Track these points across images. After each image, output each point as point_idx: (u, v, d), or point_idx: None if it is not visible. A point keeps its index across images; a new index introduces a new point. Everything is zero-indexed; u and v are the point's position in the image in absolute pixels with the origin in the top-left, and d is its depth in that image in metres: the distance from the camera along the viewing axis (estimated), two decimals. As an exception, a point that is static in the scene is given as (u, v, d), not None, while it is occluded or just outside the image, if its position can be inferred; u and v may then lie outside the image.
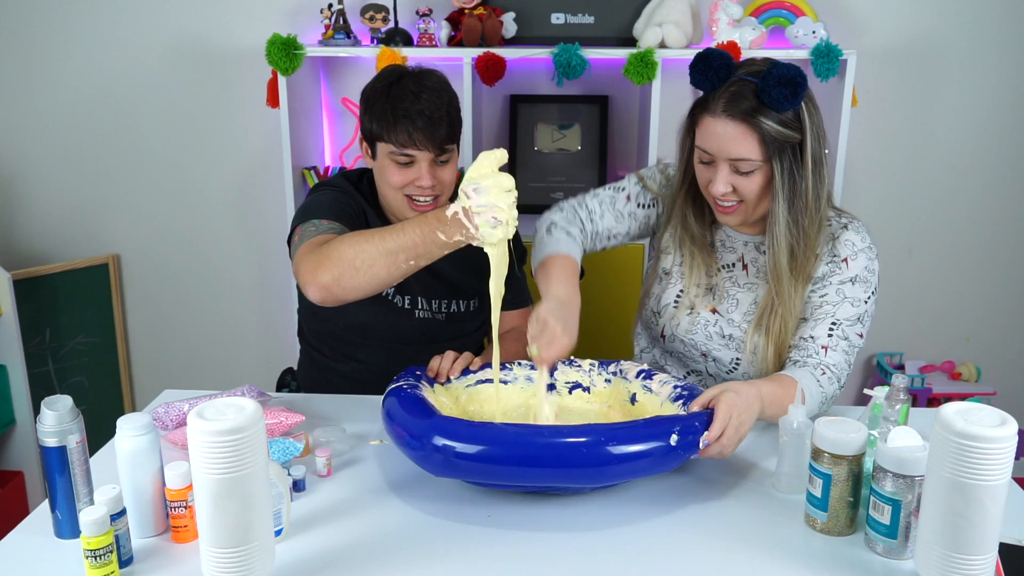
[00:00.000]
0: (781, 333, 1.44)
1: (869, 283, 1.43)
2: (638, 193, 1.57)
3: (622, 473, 1.15)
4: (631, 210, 1.57)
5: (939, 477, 0.96)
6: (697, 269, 1.52)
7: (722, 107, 1.35)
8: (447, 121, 1.52)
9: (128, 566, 1.05)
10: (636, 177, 1.59)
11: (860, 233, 1.45)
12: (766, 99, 1.32)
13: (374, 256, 1.28)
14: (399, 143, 1.50)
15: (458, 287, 1.67)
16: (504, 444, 1.12)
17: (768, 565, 1.07)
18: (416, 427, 1.17)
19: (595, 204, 1.56)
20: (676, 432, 1.15)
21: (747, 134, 1.34)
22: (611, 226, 1.56)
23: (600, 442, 1.12)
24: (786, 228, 1.39)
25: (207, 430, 0.92)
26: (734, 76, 1.36)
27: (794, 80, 1.30)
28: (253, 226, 2.65)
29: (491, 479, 1.16)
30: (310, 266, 1.33)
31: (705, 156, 1.40)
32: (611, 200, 1.57)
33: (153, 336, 2.75)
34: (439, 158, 1.54)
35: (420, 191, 1.54)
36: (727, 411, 1.19)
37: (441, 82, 1.55)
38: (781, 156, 1.35)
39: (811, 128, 1.36)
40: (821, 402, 1.37)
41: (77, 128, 2.58)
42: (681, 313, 1.53)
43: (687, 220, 1.52)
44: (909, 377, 2.55)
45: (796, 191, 1.37)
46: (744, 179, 1.37)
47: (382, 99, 1.52)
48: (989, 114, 2.51)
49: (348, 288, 1.31)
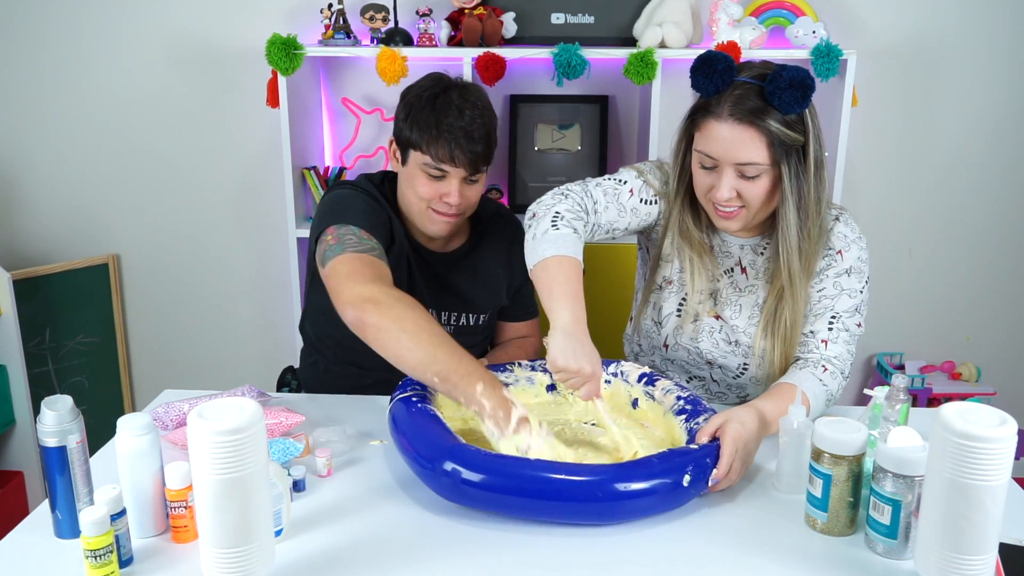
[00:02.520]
0: (788, 335, 1.43)
1: (863, 272, 1.44)
2: (640, 187, 1.50)
3: (631, 511, 1.14)
4: (634, 205, 1.50)
5: (939, 477, 0.96)
6: (699, 276, 1.49)
7: (728, 110, 1.32)
8: (486, 142, 1.51)
9: (128, 566, 1.05)
10: (635, 171, 1.52)
11: (850, 224, 1.46)
12: (775, 102, 1.29)
13: (413, 348, 1.28)
14: (437, 157, 1.48)
15: (470, 301, 1.66)
16: (514, 477, 1.11)
17: (768, 565, 1.07)
18: (427, 448, 1.16)
19: (600, 195, 1.48)
20: (689, 472, 1.14)
21: (755, 137, 1.32)
22: (613, 220, 1.49)
23: (610, 480, 1.11)
24: (796, 231, 1.37)
25: (207, 430, 0.92)
26: (737, 79, 1.34)
27: (804, 83, 1.28)
28: (253, 226, 2.65)
29: (498, 510, 1.15)
30: (360, 296, 1.33)
31: (708, 161, 1.37)
32: (615, 193, 1.49)
33: (153, 336, 2.75)
34: (471, 177, 1.52)
35: (447, 207, 1.52)
36: (733, 445, 1.19)
37: (485, 100, 1.54)
38: (788, 160, 1.34)
39: (813, 130, 1.35)
40: (827, 400, 1.38)
41: (77, 128, 2.58)
42: (685, 322, 1.52)
43: (686, 227, 1.49)
44: (909, 377, 2.55)
45: (803, 194, 1.36)
46: (749, 184, 1.35)
47: (427, 109, 1.49)
48: (989, 114, 2.51)
49: (372, 341, 1.32)
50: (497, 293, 1.69)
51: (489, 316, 1.70)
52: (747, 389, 1.56)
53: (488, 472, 1.11)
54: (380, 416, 1.38)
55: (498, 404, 1.23)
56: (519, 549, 1.10)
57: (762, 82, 1.32)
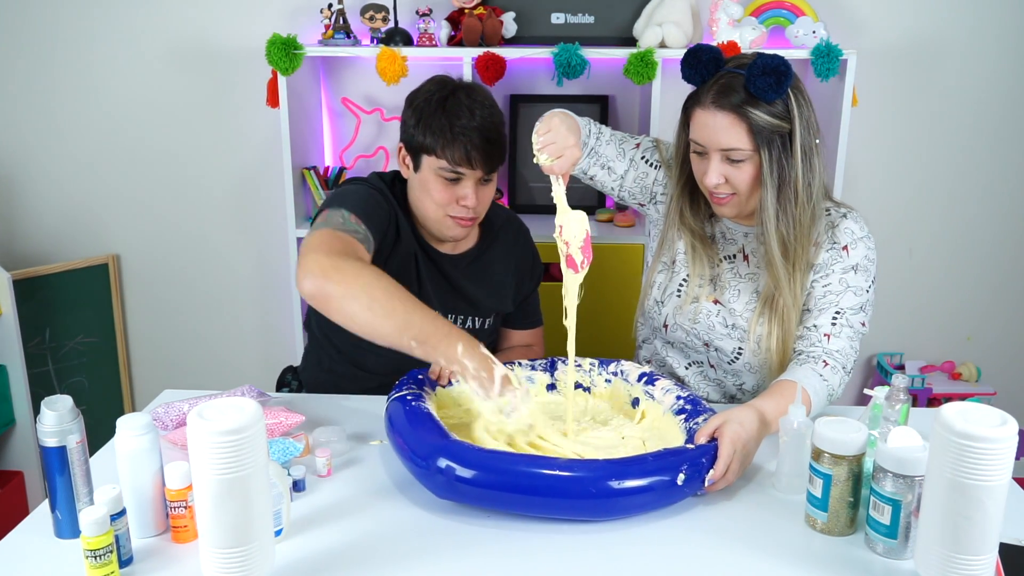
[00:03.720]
0: (784, 322, 1.45)
1: (869, 272, 1.45)
2: (647, 148, 1.59)
3: (626, 508, 1.14)
4: (634, 156, 1.58)
5: (939, 477, 0.96)
6: (699, 261, 1.53)
7: (711, 99, 1.38)
8: (500, 141, 1.50)
9: (128, 566, 1.05)
10: (652, 139, 1.61)
11: (859, 222, 1.47)
12: (753, 89, 1.34)
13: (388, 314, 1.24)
14: (453, 160, 1.46)
15: (476, 304, 1.66)
16: (508, 474, 1.12)
17: (768, 565, 1.07)
18: (421, 446, 1.17)
19: (607, 131, 1.58)
20: (683, 471, 1.15)
21: (735, 124, 1.36)
22: (610, 157, 1.56)
23: (603, 477, 1.11)
24: (775, 216, 1.40)
25: (207, 430, 0.92)
26: (723, 69, 1.39)
27: (777, 69, 1.32)
28: (253, 226, 2.65)
29: (496, 507, 1.15)
30: (322, 265, 1.25)
31: (698, 147, 1.43)
32: (621, 139, 1.59)
33: (153, 336, 2.75)
34: (486, 176, 1.51)
35: (464, 211, 1.51)
36: (731, 446, 1.19)
37: (491, 99, 1.53)
38: (770, 146, 1.37)
39: (800, 118, 1.37)
40: (828, 395, 1.38)
41: (77, 128, 2.58)
42: (685, 303, 1.54)
43: (683, 214, 1.54)
44: (909, 377, 2.55)
45: (785, 180, 1.39)
46: (735, 170, 1.39)
47: (438, 112, 1.46)
48: (989, 114, 2.51)
49: (337, 312, 1.25)
50: (503, 299, 1.69)
51: (494, 320, 1.70)
52: (742, 377, 1.56)
53: (481, 469, 1.12)
54: (380, 416, 1.38)
55: (480, 364, 1.24)
56: (519, 549, 1.10)
57: (744, 70, 1.35)
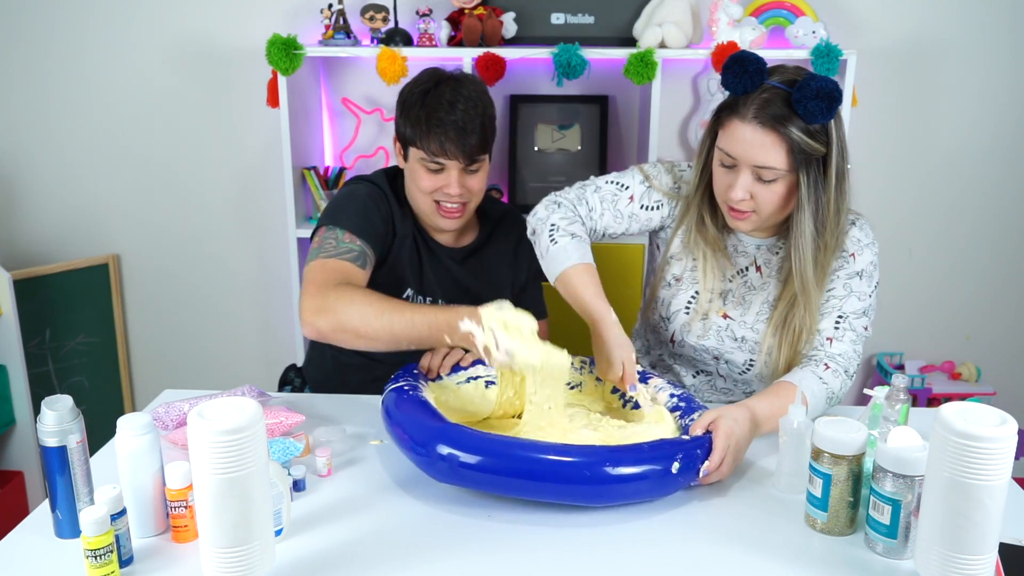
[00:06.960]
0: (796, 340, 1.43)
1: (873, 277, 1.45)
2: (643, 194, 1.52)
3: (621, 494, 1.16)
4: (632, 211, 1.52)
5: (939, 477, 0.96)
6: (711, 273, 1.49)
7: (753, 113, 1.32)
8: (479, 132, 1.54)
9: (128, 566, 1.05)
10: (641, 175, 1.54)
11: (864, 229, 1.47)
12: (800, 110, 1.29)
13: (378, 331, 1.34)
14: (430, 151, 1.53)
15: (478, 297, 1.67)
16: (507, 458, 1.13)
17: (768, 565, 1.07)
18: (421, 433, 1.18)
19: (596, 201, 1.51)
20: (679, 460, 1.16)
21: (776, 143, 1.32)
22: (609, 225, 1.53)
23: (601, 463, 1.12)
24: (812, 240, 1.37)
25: (208, 430, 0.92)
26: (767, 82, 1.34)
27: (831, 94, 1.28)
28: (253, 226, 2.65)
29: (491, 489, 1.16)
30: (315, 306, 1.37)
31: (727, 160, 1.37)
32: (613, 199, 1.52)
33: (153, 336, 2.75)
34: (469, 167, 1.56)
35: (448, 197, 1.57)
36: (726, 440, 1.20)
37: (479, 91, 1.57)
38: (808, 168, 1.34)
39: (837, 142, 1.34)
40: (828, 398, 1.38)
41: (78, 128, 2.58)
42: (694, 320, 1.52)
43: (703, 222, 1.49)
44: (909, 377, 2.55)
45: (819, 203, 1.36)
46: (764, 188, 1.36)
47: (418, 105, 1.54)
48: (989, 114, 2.51)
49: (343, 343, 1.37)
50: (502, 291, 1.71)
51: None
52: (753, 385, 1.56)
53: (481, 452, 1.13)
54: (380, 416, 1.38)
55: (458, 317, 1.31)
56: (519, 549, 1.10)
57: (790, 88, 1.31)
